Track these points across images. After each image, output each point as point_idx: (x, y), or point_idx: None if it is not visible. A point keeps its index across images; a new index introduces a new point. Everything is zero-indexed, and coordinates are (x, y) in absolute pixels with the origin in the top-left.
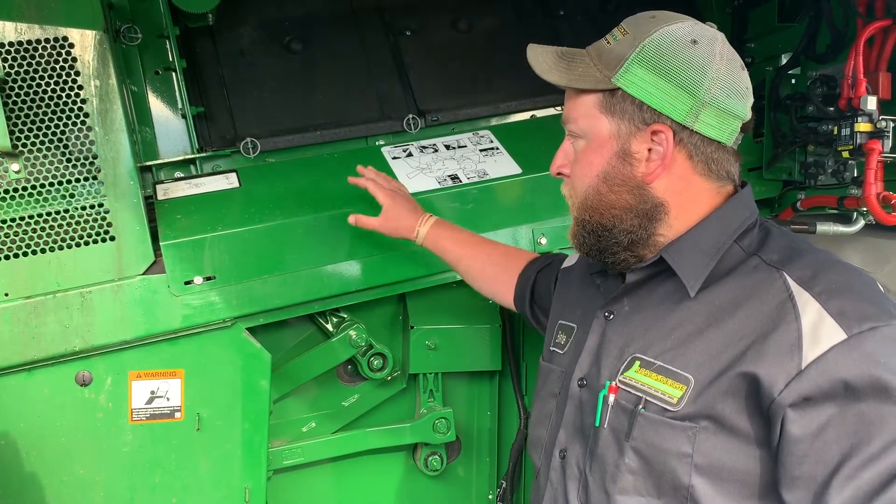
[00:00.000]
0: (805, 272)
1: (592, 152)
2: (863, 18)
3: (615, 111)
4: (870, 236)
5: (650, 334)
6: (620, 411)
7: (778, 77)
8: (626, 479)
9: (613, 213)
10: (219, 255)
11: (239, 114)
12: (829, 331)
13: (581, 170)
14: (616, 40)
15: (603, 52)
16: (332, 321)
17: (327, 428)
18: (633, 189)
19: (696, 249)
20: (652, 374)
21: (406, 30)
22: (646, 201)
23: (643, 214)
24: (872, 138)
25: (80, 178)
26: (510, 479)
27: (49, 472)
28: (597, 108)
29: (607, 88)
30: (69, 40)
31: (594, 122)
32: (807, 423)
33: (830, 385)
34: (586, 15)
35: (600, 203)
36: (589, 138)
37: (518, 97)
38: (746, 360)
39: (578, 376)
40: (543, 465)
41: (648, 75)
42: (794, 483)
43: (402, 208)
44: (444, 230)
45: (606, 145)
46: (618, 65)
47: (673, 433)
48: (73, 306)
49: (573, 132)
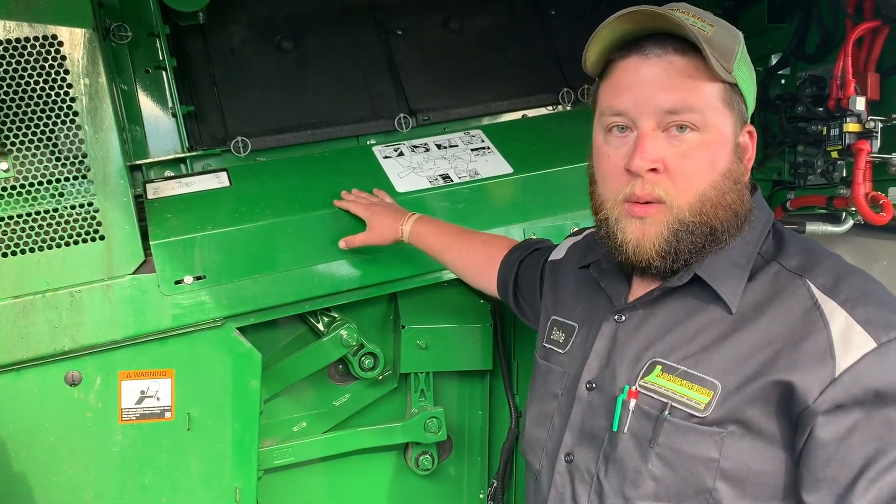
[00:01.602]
0: (826, 279)
1: (716, 148)
2: (852, 19)
3: (733, 106)
4: (858, 236)
5: (671, 339)
6: (643, 416)
7: (768, 77)
8: (648, 484)
9: (726, 214)
10: (209, 254)
11: (229, 113)
12: (859, 339)
13: (699, 166)
14: (710, 30)
15: (710, 40)
16: (323, 321)
17: (318, 427)
18: (741, 188)
19: (731, 263)
20: (676, 380)
21: (398, 29)
22: (745, 202)
23: (743, 217)
24: (861, 139)
25: (69, 176)
26: (501, 478)
27: (38, 472)
28: (720, 101)
29: (729, 81)
30: (58, 38)
31: (720, 115)
32: (834, 429)
33: (863, 392)
34: (578, 14)
35: (719, 202)
36: (711, 132)
37: (509, 97)
38: (779, 368)
39: (587, 379)
40: (545, 467)
41: (750, 74)
42: (817, 486)
43: (383, 216)
44: (426, 225)
45: (728, 141)
46: (731, 57)
47: (700, 439)
48: (62, 306)
49: (689, 123)
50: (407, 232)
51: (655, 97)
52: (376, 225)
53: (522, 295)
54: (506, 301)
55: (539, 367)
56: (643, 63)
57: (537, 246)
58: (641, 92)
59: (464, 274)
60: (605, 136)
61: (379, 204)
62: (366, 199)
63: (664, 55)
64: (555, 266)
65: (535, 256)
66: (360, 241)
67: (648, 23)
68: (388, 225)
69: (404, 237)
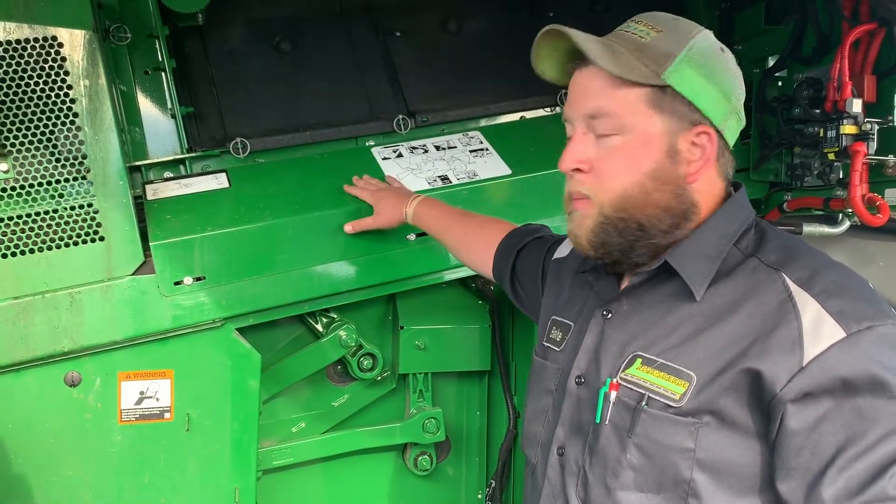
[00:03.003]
0: (803, 273)
1: (638, 149)
2: (848, 22)
3: (664, 109)
4: (855, 237)
5: (651, 333)
6: (622, 408)
7: (764, 79)
8: (628, 474)
9: (654, 212)
10: (208, 255)
11: (228, 114)
12: (829, 329)
13: (620, 166)
14: (650, 36)
15: (643, 46)
16: (322, 321)
17: (317, 428)
18: (675, 189)
19: (700, 254)
20: (654, 372)
21: (396, 30)
22: (683, 202)
23: (679, 214)
24: (858, 140)
25: (69, 177)
26: (499, 478)
27: (37, 472)
28: (644, 104)
29: (657, 84)
30: (58, 40)
31: (642, 118)
32: (804, 417)
33: (830, 381)
34: (575, 16)
35: (645, 201)
36: (633, 134)
37: (508, 98)
38: (749, 357)
39: (576, 374)
40: (540, 462)
41: (697, 77)
42: (789, 474)
43: (389, 199)
44: (429, 207)
45: (656, 143)
46: (666, 61)
47: (675, 429)
48: (62, 306)
49: (607, 127)
50: (411, 214)
51: (580, 104)
52: (382, 209)
53: (521, 283)
54: (501, 285)
55: (535, 365)
56: (578, 73)
57: (537, 234)
58: (573, 99)
59: (460, 254)
60: None
61: (386, 189)
62: (374, 186)
63: (592, 65)
64: (558, 265)
65: (536, 245)
66: (367, 224)
67: (564, 41)
68: (394, 208)
69: (408, 218)
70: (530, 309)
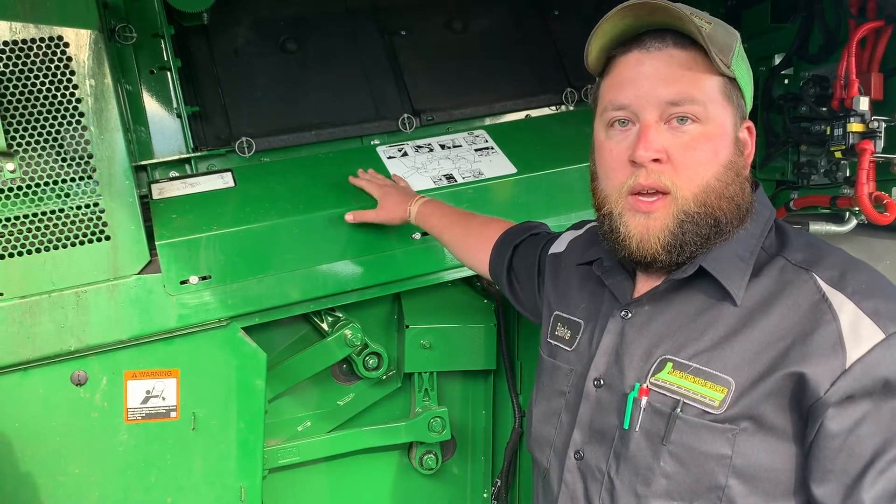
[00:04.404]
0: (833, 273)
1: (718, 139)
2: (855, 19)
3: (732, 99)
4: (862, 236)
5: (680, 335)
6: (654, 414)
7: (771, 77)
8: (660, 482)
9: (729, 206)
10: (214, 254)
11: (234, 113)
12: (868, 330)
13: (703, 157)
14: (710, 26)
15: (710, 36)
16: (328, 320)
17: (322, 427)
18: (742, 182)
19: (734, 256)
20: (688, 377)
21: (401, 30)
22: (746, 196)
23: (745, 210)
24: (865, 139)
25: (74, 177)
26: (505, 477)
27: (44, 471)
28: (720, 94)
29: (728, 75)
30: (64, 39)
31: (719, 108)
32: (843, 420)
33: (873, 383)
34: (581, 15)
35: (722, 194)
36: (712, 124)
37: (513, 97)
38: (791, 361)
39: (594, 376)
40: (554, 465)
41: (747, 70)
42: (826, 477)
43: (394, 196)
44: (432, 207)
45: (729, 133)
46: (729, 53)
47: (713, 436)
48: (68, 306)
49: (691, 114)
50: (414, 213)
51: (657, 89)
52: (386, 203)
53: (518, 279)
54: (498, 283)
55: (545, 364)
56: (644, 57)
57: (534, 231)
58: (643, 85)
59: (459, 253)
60: (608, 131)
61: (392, 185)
62: (381, 181)
63: (664, 48)
64: (556, 259)
65: (532, 242)
66: (369, 217)
67: (648, 17)
68: (398, 204)
69: (411, 218)
70: (526, 305)
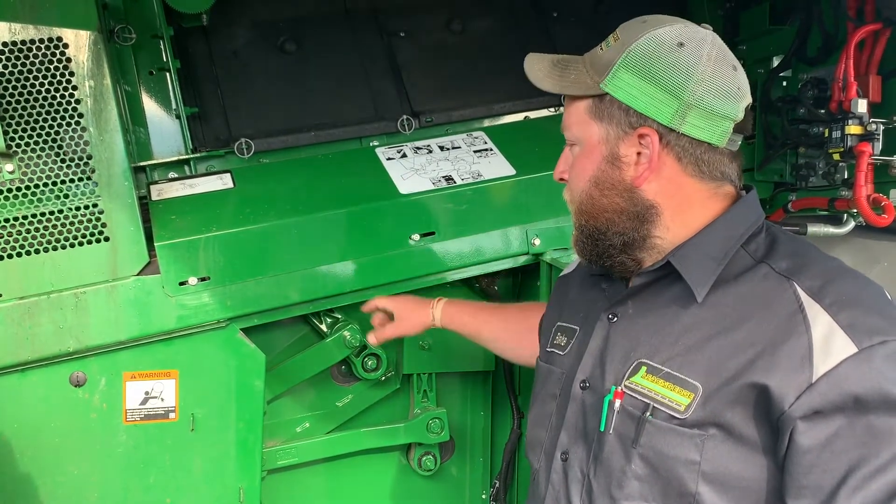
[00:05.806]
0: (815, 282)
1: (585, 158)
2: (853, 22)
3: (603, 116)
4: (860, 238)
5: (656, 339)
6: (627, 417)
7: (769, 79)
8: (633, 485)
9: (606, 216)
10: (213, 255)
11: (233, 114)
12: (839, 344)
13: (576, 175)
14: (608, 47)
15: (595, 58)
16: (327, 321)
17: (321, 428)
18: (622, 192)
19: (703, 254)
20: (659, 381)
21: (400, 31)
22: (636, 203)
23: (635, 217)
24: (863, 141)
25: (74, 178)
26: (503, 478)
27: (43, 472)
28: (587, 114)
29: (596, 94)
30: (63, 40)
31: (585, 127)
32: (816, 435)
33: (841, 398)
34: (579, 16)
35: (593, 207)
36: (582, 144)
37: (512, 98)
38: (757, 370)
39: (581, 378)
40: (543, 466)
41: (634, 79)
42: (801, 492)
43: (411, 304)
44: (457, 307)
45: (596, 150)
46: (606, 70)
47: (680, 440)
48: (67, 307)
49: (569, 139)
50: (438, 316)
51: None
52: (405, 314)
53: None
54: None
55: (540, 370)
56: None
57: None
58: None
59: (505, 347)
60: None
61: (403, 295)
62: (387, 296)
63: None
64: (564, 280)
65: None
66: (391, 333)
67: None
68: (418, 311)
69: (436, 321)
70: None
